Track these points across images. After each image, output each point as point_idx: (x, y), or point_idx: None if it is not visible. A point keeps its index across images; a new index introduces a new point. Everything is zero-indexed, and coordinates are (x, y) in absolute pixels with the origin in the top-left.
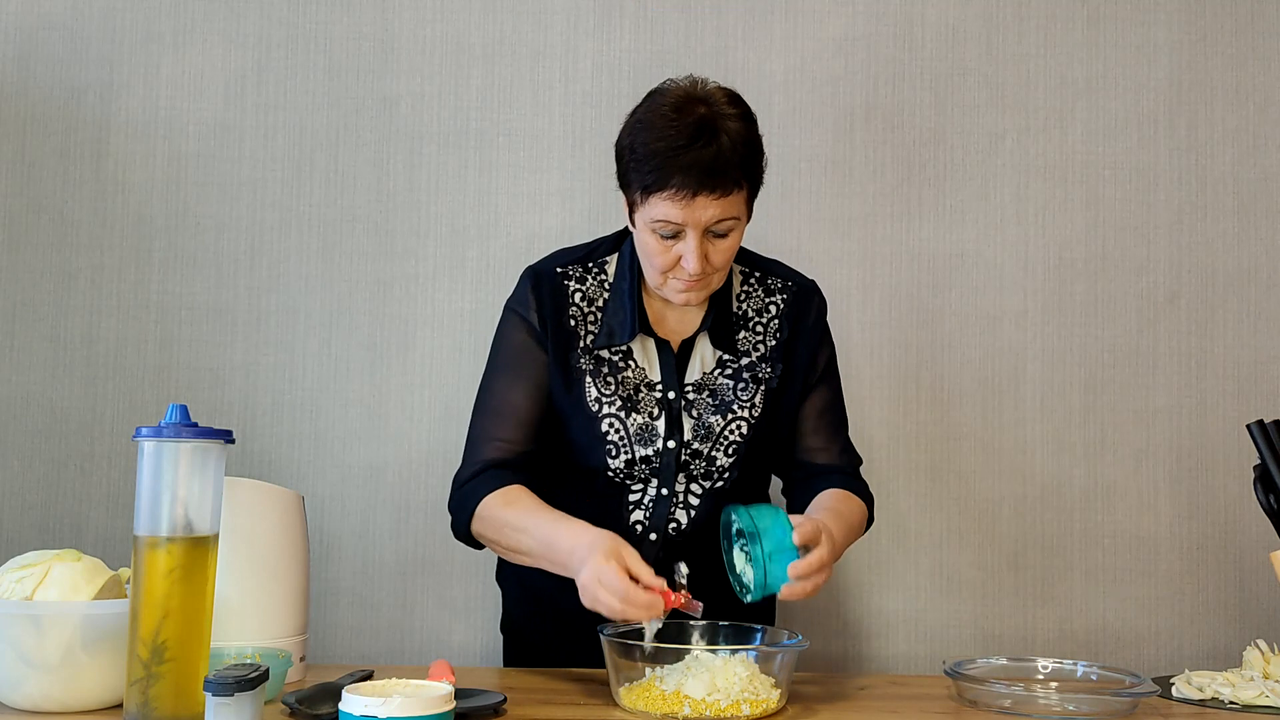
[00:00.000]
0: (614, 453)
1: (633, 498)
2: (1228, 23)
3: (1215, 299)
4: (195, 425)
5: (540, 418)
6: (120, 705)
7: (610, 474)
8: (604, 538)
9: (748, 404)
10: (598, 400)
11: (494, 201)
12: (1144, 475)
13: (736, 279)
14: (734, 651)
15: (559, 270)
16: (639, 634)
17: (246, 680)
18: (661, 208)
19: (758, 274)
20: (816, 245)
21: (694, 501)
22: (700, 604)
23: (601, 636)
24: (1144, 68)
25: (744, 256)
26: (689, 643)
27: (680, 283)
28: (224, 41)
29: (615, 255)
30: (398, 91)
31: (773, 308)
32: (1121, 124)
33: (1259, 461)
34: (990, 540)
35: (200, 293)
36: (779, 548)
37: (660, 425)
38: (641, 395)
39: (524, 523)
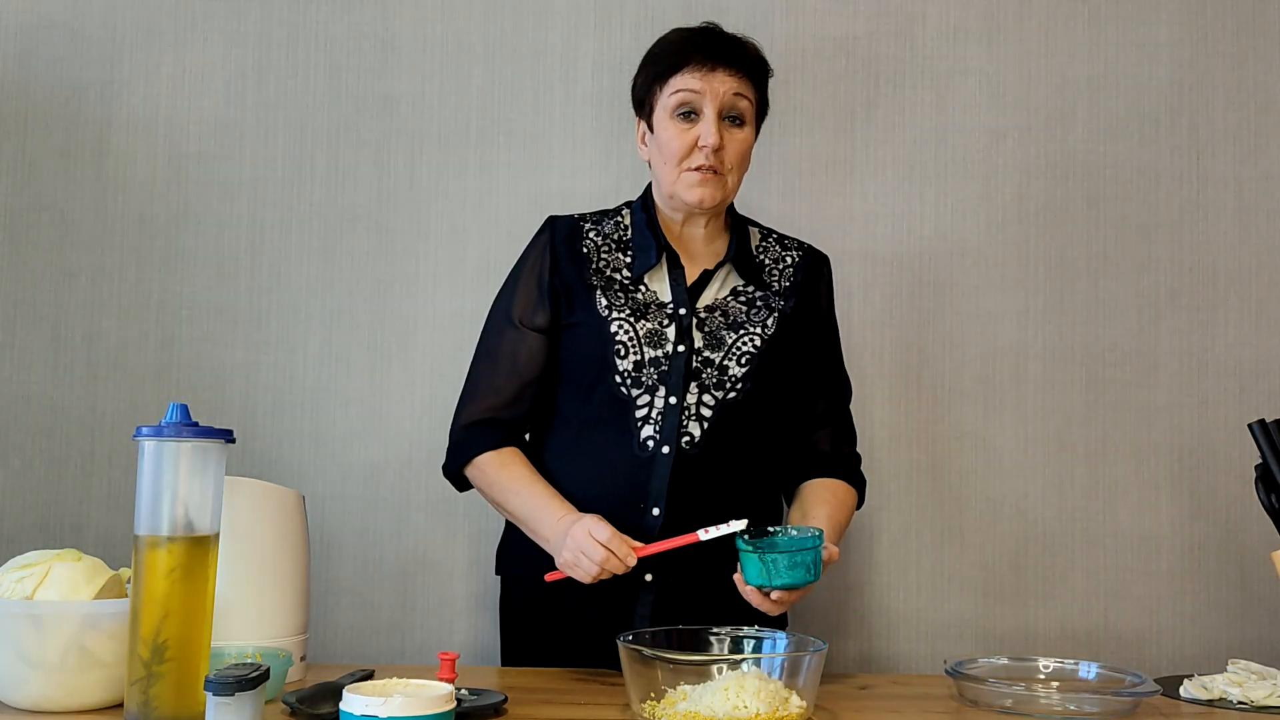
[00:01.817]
0: (622, 353)
1: (640, 412)
2: (1229, 22)
3: (1216, 298)
4: (196, 425)
5: (531, 363)
6: (120, 705)
7: (618, 379)
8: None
9: (760, 323)
10: (608, 307)
11: (494, 201)
12: (1145, 474)
13: (755, 236)
14: (757, 663)
15: (576, 216)
16: (657, 643)
17: (247, 680)
18: (681, 80)
19: (774, 236)
20: (818, 244)
21: (706, 414)
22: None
23: (621, 645)
24: (1145, 67)
25: (762, 227)
26: (713, 656)
27: (695, 174)
28: (225, 40)
29: (626, 209)
30: (398, 91)
31: (789, 258)
32: (1123, 123)
33: (1260, 461)
34: (991, 539)
35: (201, 292)
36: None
37: (670, 332)
38: (652, 310)
39: (516, 486)
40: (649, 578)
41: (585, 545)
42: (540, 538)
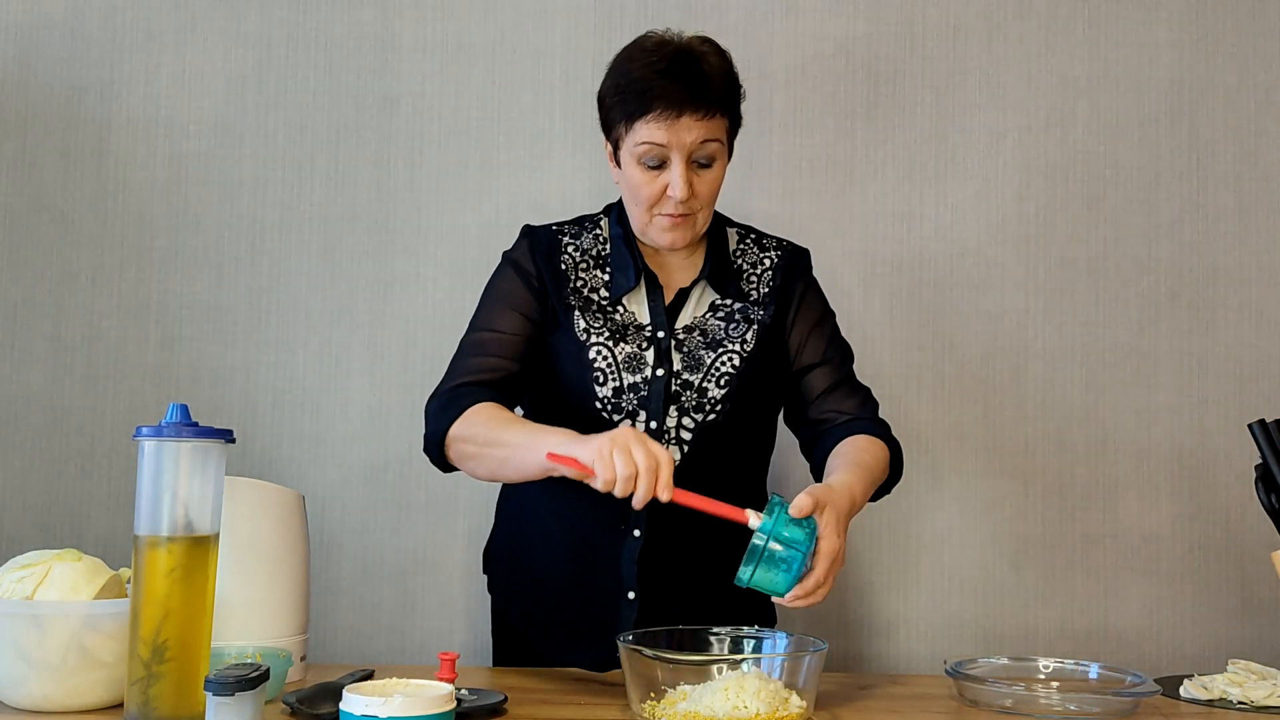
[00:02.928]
0: (601, 379)
1: None
2: (1229, 22)
3: (1216, 298)
4: (195, 425)
5: (525, 349)
6: (120, 705)
7: (598, 405)
8: None
9: (739, 339)
10: (586, 330)
11: (494, 201)
12: (1145, 474)
13: (733, 237)
14: (757, 663)
15: (554, 228)
16: (657, 643)
17: (247, 680)
18: (646, 130)
19: (753, 235)
20: (817, 245)
21: (686, 436)
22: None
23: (621, 645)
24: (1145, 67)
25: (740, 226)
26: (713, 656)
27: (666, 219)
28: (224, 40)
29: (605, 219)
30: (398, 91)
31: (767, 261)
32: (1123, 123)
33: (1260, 461)
34: (991, 539)
35: (201, 292)
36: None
37: (649, 356)
38: (630, 333)
39: (520, 421)
40: (631, 595)
41: (635, 447)
42: (547, 445)
